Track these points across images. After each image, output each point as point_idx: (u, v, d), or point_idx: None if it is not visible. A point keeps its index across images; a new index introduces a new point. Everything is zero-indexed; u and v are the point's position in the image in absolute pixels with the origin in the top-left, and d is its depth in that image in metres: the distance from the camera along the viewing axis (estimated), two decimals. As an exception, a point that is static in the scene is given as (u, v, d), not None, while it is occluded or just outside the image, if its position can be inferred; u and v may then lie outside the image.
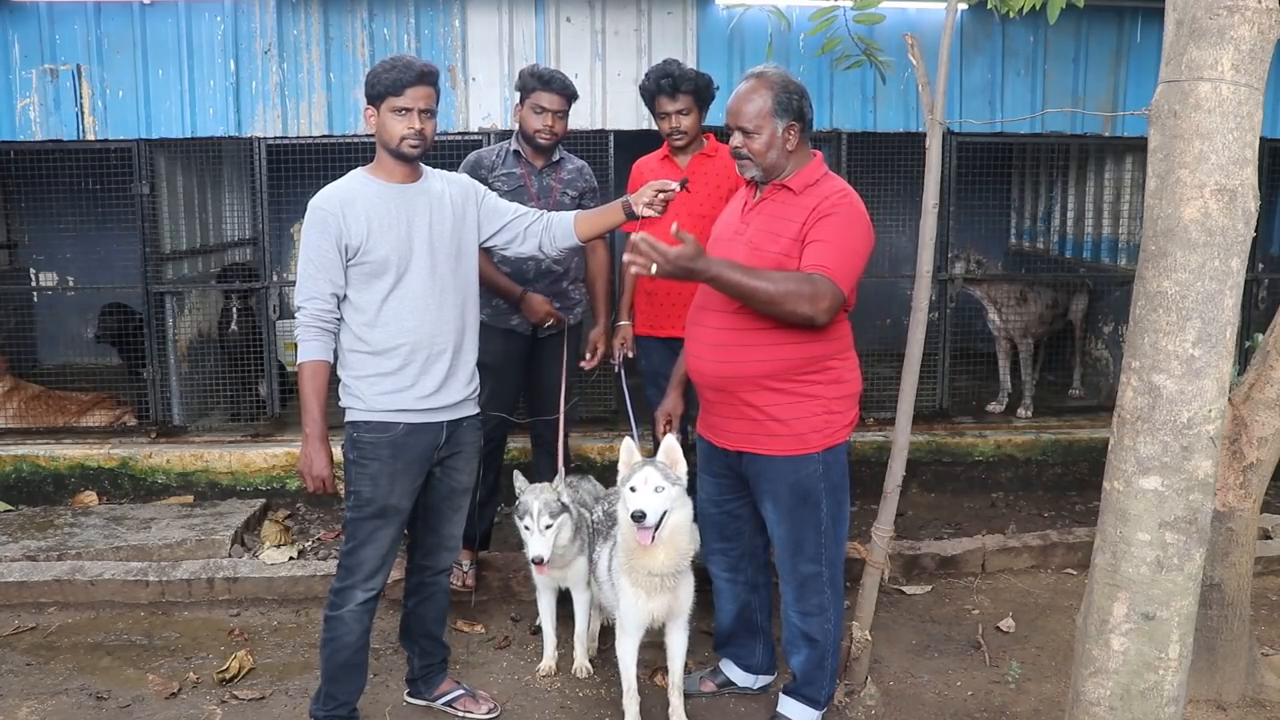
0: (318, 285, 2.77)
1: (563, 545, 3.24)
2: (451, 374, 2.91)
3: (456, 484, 3.04)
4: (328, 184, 2.85)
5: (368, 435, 2.83)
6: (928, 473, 5.25)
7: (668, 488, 2.82)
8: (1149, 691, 2.25)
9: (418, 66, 2.75)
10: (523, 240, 3.08)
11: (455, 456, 3.00)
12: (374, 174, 2.86)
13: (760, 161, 2.82)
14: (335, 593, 2.89)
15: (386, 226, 2.78)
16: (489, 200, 3.06)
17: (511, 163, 3.75)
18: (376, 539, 2.86)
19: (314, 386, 2.76)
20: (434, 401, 2.87)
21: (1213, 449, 2.16)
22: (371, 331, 2.81)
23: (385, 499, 2.84)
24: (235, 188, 6.36)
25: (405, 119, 2.75)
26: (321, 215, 2.76)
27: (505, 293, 3.70)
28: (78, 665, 3.51)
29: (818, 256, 2.69)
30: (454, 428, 2.96)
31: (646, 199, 2.93)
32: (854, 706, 3.18)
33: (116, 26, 4.90)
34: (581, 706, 3.26)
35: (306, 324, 2.77)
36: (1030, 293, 5.85)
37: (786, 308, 2.63)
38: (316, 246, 2.76)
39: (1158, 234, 2.14)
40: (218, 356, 5.67)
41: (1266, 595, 4.07)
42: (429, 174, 2.94)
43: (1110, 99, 5.31)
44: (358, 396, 2.85)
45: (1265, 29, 2.04)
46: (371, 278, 2.79)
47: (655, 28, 5.06)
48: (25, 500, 4.93)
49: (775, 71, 2.83)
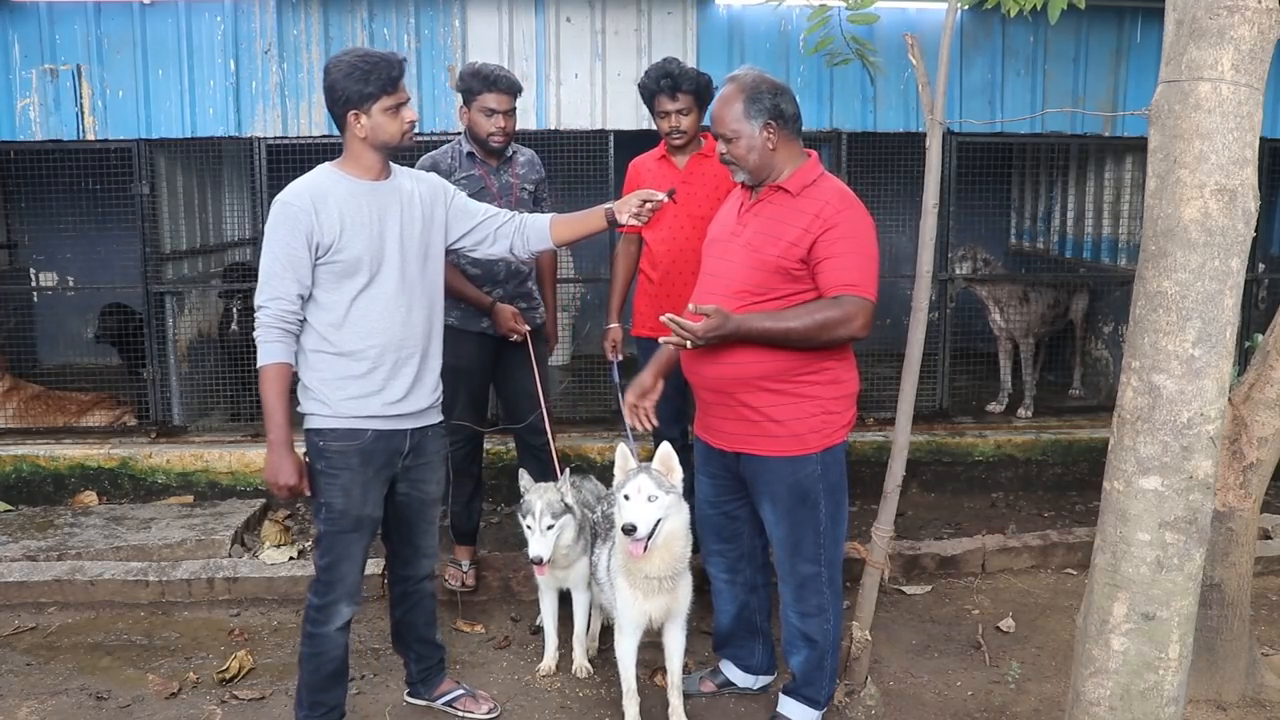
0: (284, 285, 2.65)
1: (565, 546, 3.24)
2: (419, 380, 2.85)
3: (426, 495, 2.99)
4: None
5: (335, 444, 2.74)
6: (928, 473, 5.25)
7: (661, 496, 2.80)
8: (1149, 691, 2.25)
9: (397, 59, 2.72)
10: (493, 241, 3.01)
11: (422, 468, 2.94)
12: (344, 170, 2.76)
13: (744, 165, 2.81)
14: (318, 609, 2.81)
15: (359, 225, 2.70)
16: (459, 201, 2.99)
17: (468, 165, 3.72)
18: (353, 553, 2.82)
19: (277, 390, 2.65)
20: (401, 408, 2.81)
21: (1213, 449, 2.16)
22: (338, 333, 2.72)
23: (359, 509, 2.79)
24: (235, 188, 6.36)
25: (402, 114, 2.72)
26: (292, 211, 2.64)
27: (474, 301, 3.70)
28: (78, 665, 3.51)
29: (838, 275, 2.69)
30: (419, 436, 2.89)
31: (632, 208, 2.89)
32: (854, 706, 3.17)
33: (116, 26, 4.90)
34: (581, 706, 3.26)
35: (268, 325, 2.65)
36: (1032, 292, 5.85)
37: (824, 338, 2.69)
38: (285, 244, 2.64)
39: (1158, 234, 2.14)
40: (218, 356, 5.67)
41: (1266, 595, 4.06)
42: (398, 172, 2.86)
43: (1110, 99, 5.30)
44: (322, 401, 2.75)
45: (1265, 29, 2.04)
46: (341, 278, 2.70)
47: (655, 28, 5.06)
48: (25, 500, 4.93)
49: (747, 73, 2.81)
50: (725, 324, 2.65)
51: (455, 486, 3.94)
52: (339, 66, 2.68)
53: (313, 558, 2.87)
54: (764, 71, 2.83)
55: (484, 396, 3.95)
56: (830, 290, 2.70)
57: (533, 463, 3.73)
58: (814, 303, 2.72)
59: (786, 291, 2.75)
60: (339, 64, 2.68)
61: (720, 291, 2.83)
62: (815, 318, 2.68)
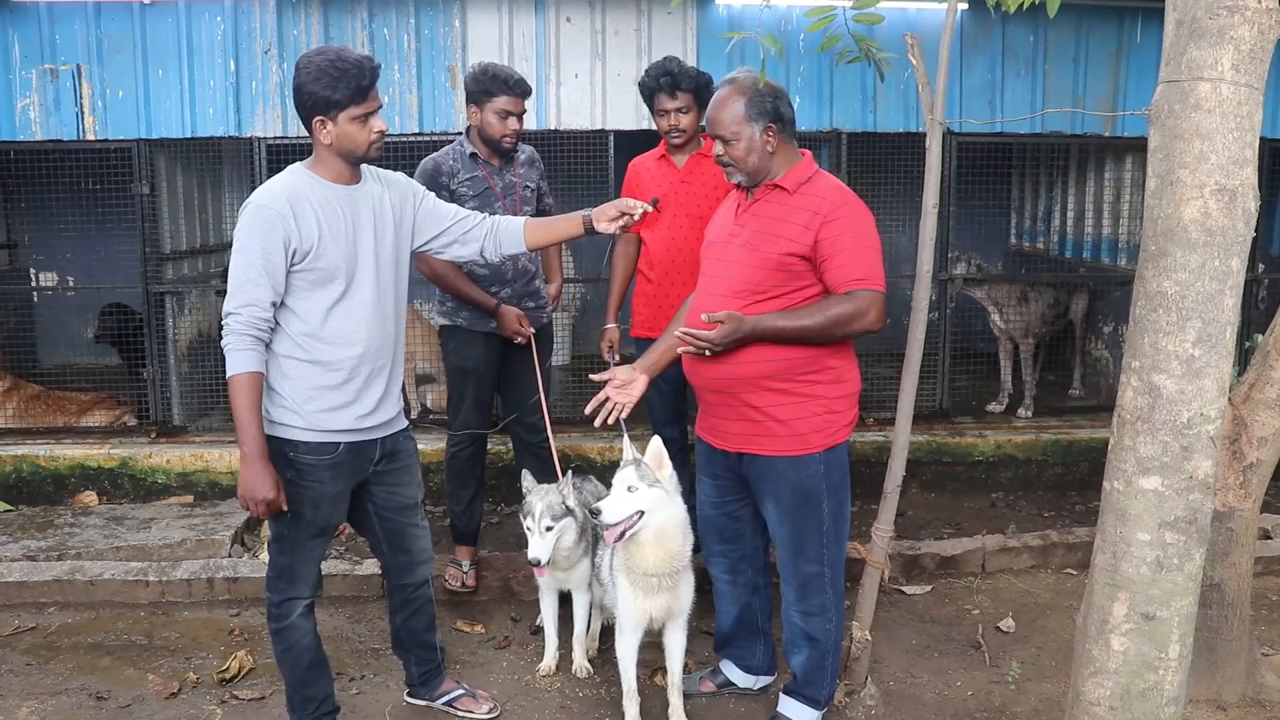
0: (258, 292, 2.54)
1: (566, 548, 3.23)
2: (388, 390, 2.81)
3: (406, 499, 2.96)
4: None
5: (308, 457, 2.68)
6: (928, 473, 5.25)
7: (642, 489, 2.81)
8: (1149, 691, 2.25)
9: (369, 66, 2.60)
10: (463, 244, 2.94)
11: (397, 472, 2.91)
12: (316, 172, 2.67)
13: (742, 166, 2.82)
14: (277, 605, 2.79)
15: (336, 232, 2.62)
16: (427, 203, 2.91)
17: (470, 166, 3.72)
18: (314, 555, 2.82)
19: (250, 401, 2.54)
20: (372, 420, 2.77)
21: (1213, 449, 2.16)
22: (315, 343, 2.65)
23: (327, 519, 2.78)
24: (235, 188, 6.35)
25: (370, 124, 2.62)
26: (268, 215, 2.54)
27: (479, 303, 3.70)
28: (78, 665, 3.51)
29: (845, 271, 2.71)
30: (390, 443, 2.86)
31: (610, 216, 2.86)
32: (854, 706, 3.18)
33: (116, 26, 4.90)
34: (581, 706, 3.26)
35: (240, 332, 2.54)
36: (1031, 293, 5.85)
37: (839, 333, 2.72)
38: (261, 250, 2.53)
39: (1158, 234, 2.14)
40: (218, 356, 5.64)
41: (1266, 595, 4.06)
42: (367, 175, 2.77)
43: (1110, 99, 5.30)
44: (294, 411, 2.66)
45: (1265, 29, 2.04)
46: (316, 285, 2.62)
47: (655, 28, 5.06)
48: (25, 500, 4.93)
49: (746, 75, 2.84)
50: (741, 327, 2.68)
51: (458, 487, 3.94)
52: (308, 68, 2.56)
53: (269, 553, 2.83)
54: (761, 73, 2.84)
55: (490, 397, 3.95)
56: (840, 287, 2.71)
57: (531, 461, 3.73)
58: (826, 300, 2.73)
59: (787, 289, 2.76)
60: (309, 65, 2.56)
61: (721, 292, 2.83)
62: (829, 314, 2.69)
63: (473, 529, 4.01)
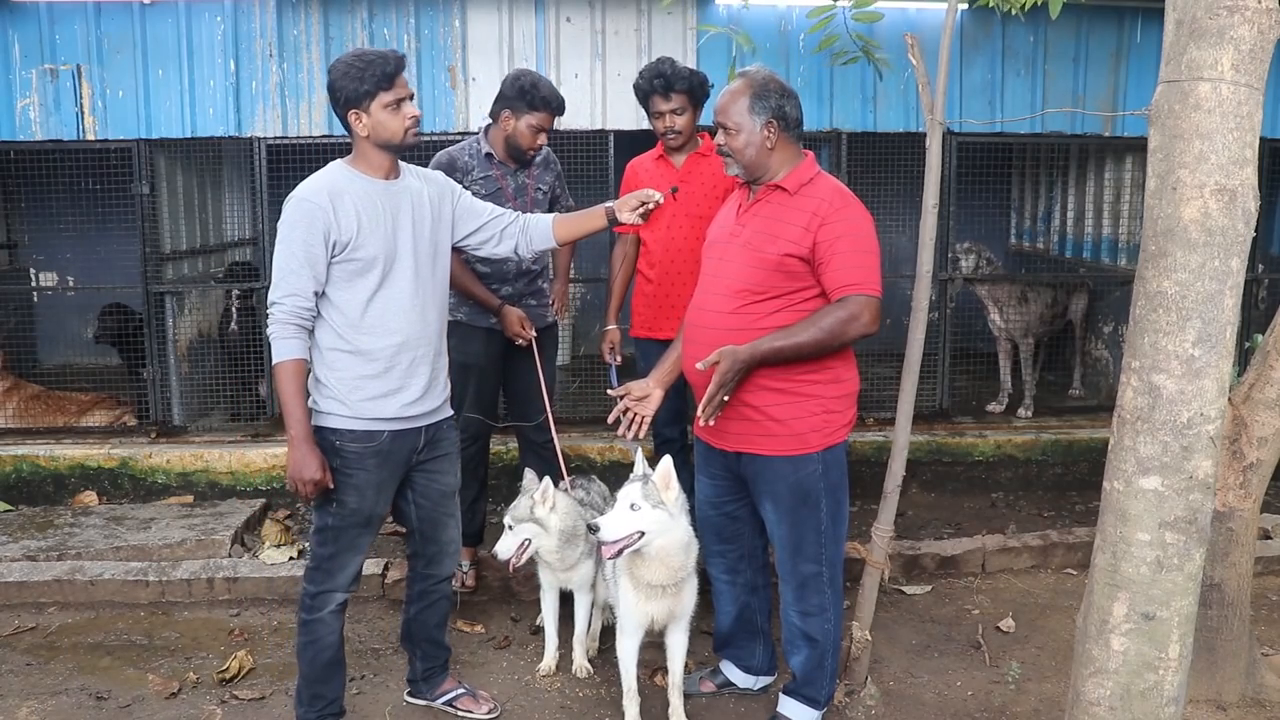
0: (300, 282, 2.65)
1: (549, 553, 3.24)
2: (433, 379, 2.87)
3: (445, 487, 3.01)
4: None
5: (352, 445, 2.75)
6: (928, 473, 5.25)
7: (645, 509, 2.79)
8: (1149, 691, 2.25)
9: (393, 55, 2.68)
10: (498, 241, 3.03)
11: (439, 459, 2.97)
12: (356, 168, 2.76)
13: (739, 158, 2.82)
14: (312, 596, 2.83)
15: (375, 223, 2.71)
16: (465, 200, 3.00)
17: (485, 165, 3.72)
18: (359, 545, 2.84)
19: (295, 387, 2.64)
20: (417, 408, 2.83)
21: (1213, 449, 2.16)
22: (355, 333, 2.73)
23: (371, 509, 2.81)
24: (235, 188, 6.36)
25: (403, 110, 2.69)
26: (309, 208, 2.65)
27: (483, 301, 3.71)
28: (78, 665, 3.51)
29: (841, 275, 2.71)
30: (434, 430, 2.92)
31: (631, 206, 2.94)
32: (854, 706, 3.18)
33: (116, 26, 4.90)
34: (581, 706, 3.26)
35: (284, 321, 2.65)
36: (1031, 292, 5.85)
37: (837, 342, 2.72)
38: (303, 241, 2.64)
39: (1158, 234, 2.14)
40: (218, 356, 5.67)
41: (1266, 595, 4.07)
42: (406, 171, 2.87)
43: (1110, 99, 5.31)
44: (340, 400, 2.75)
45: (1265, 29, 2.04)
46: (356, 276, 2.71)
47: (655, 28, 5.06)
48: (25, 500, 4.93)
49: (758, 71, 2.85)
50: (737, 358, 2.67)
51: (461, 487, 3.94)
52: (337, 67, 2.69)
53: (310, 545, 2.86)
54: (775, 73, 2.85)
55: (493, 393, 3.94)
56: (835, 293, 2.72)
57: (535, 461, 3.74)
58: (819, 312, 2.73)
59: (786, 290, 2.76)
60: (337, 65, 2.69)
61: (720, 291, 2.83)
62: (823, 325, 2.69)
63: (474, 529, 4.01)
